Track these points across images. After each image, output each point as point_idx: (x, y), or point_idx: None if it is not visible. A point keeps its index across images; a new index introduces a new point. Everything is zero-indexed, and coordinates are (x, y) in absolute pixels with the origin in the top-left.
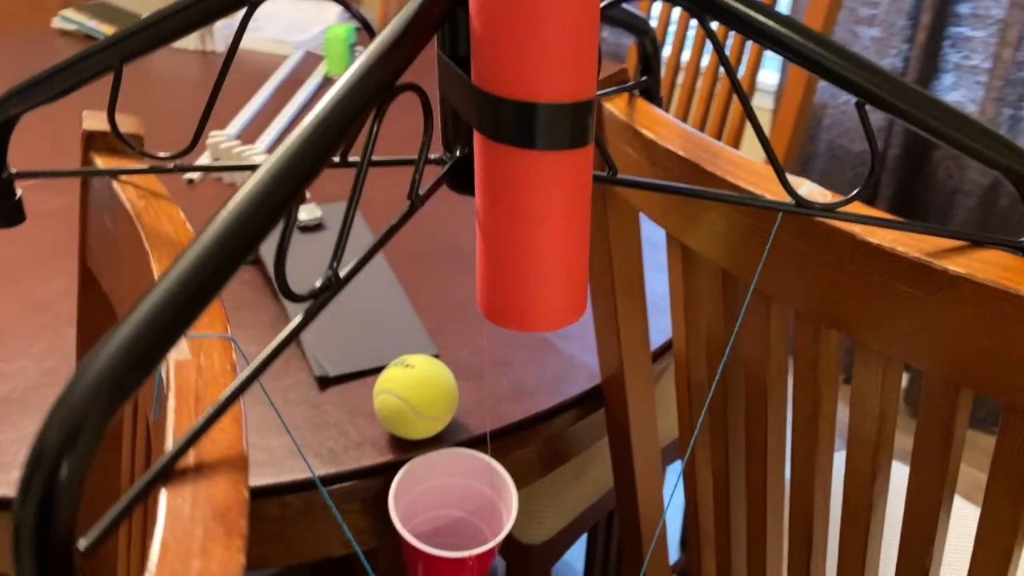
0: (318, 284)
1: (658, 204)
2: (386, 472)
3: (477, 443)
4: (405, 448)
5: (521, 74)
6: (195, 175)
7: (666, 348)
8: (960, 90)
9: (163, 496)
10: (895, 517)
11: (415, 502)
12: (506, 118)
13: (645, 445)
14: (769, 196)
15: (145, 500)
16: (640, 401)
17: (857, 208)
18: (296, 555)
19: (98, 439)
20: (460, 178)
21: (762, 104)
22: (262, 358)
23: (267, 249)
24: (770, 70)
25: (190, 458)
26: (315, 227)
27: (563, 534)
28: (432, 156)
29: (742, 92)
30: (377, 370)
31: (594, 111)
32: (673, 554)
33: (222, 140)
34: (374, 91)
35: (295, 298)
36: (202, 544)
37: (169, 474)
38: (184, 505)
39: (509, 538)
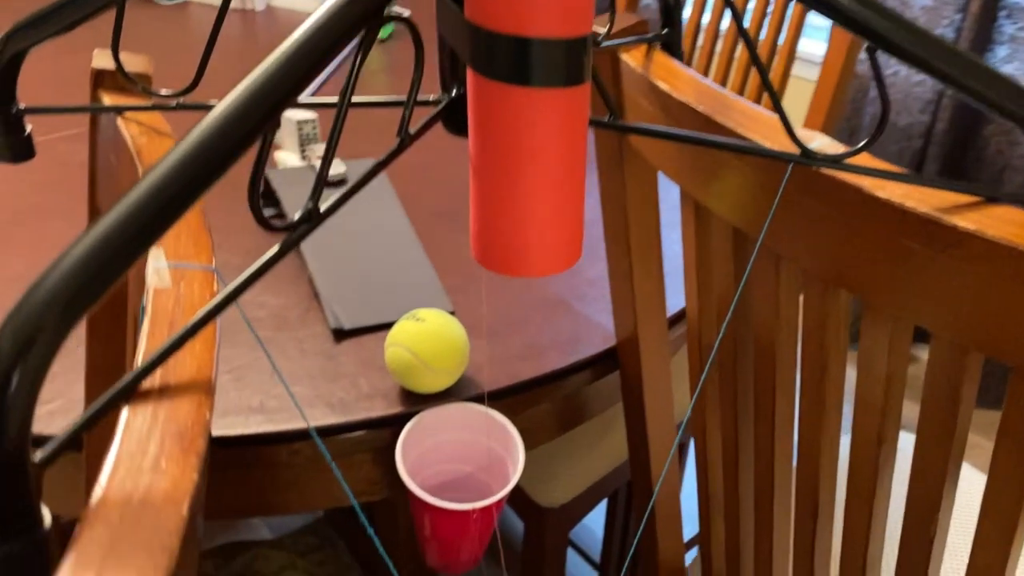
0: (296, 216)
1: (673, 160)
2: (396, 424)
3: (487, 400)
4: (415, 401)
5: (515, 8)
6: None
7: (683, 315)
8: (1015, 63)
9: (124, 413)
10: (903, 485)
11: (424, 455)
12: (500, 54)
13: (659, 409)
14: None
15: (105, 416)
16: (655, 364)
17: (867, 162)
18: (307, 503)
19: (52, 352)
20: (455, 119)
21: (805, 75)
22: (235, 285)
23: (288, 201)
24: (816, 40)
25: (156, 379)
26: (339, 183)
27: (582, 498)
28: (431, 98)
29: (747, 36)
30: (392, 325)
31: (590, 48)
32: (691, 529)
33: None
34: (361, 16)
35: (271, 228)
36: (155, 460)
37: (132, 393)
38: (143, 422)
39: (527, 500)
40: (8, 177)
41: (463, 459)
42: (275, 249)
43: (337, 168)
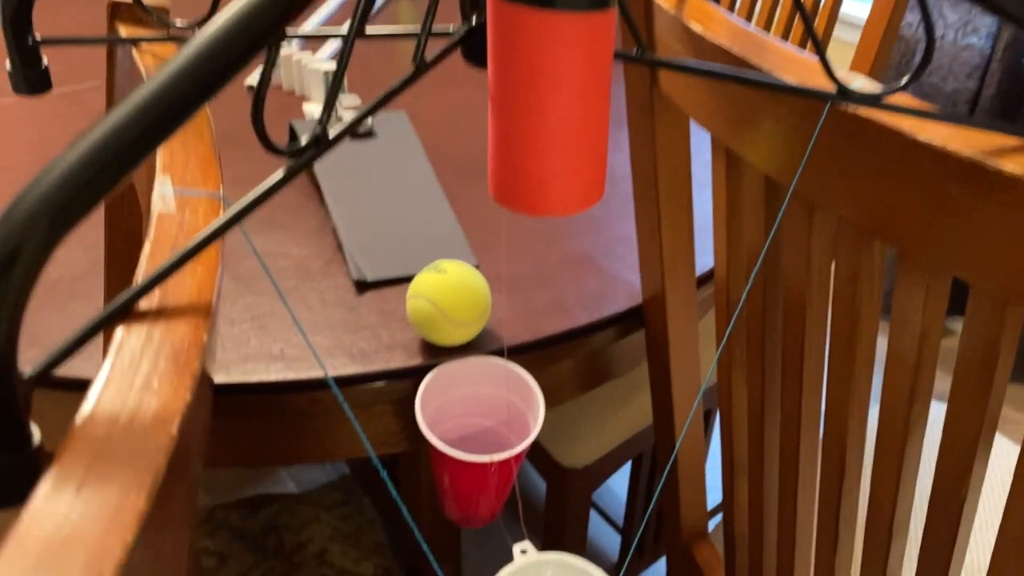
0: (304, 141)
1: (705, 105)
2: (417, 375)
3: (509, 354)
4: (436, 353)
5: None
6: (255, 81)
7: (712, 275)
8: None
9: (118, 332)
10: (932, 456)
11: (444, 408)
12: None
13: (684, 369)
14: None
15: (98, 335)
16: (681, 323)
17: (908, 104)
18: (328, 453)
19: (37, 267)
20: (475, 48)
21: (847, 37)
22: (238, 207)
23: None
24: (859, 1)
25: (155, 301)
26: (366, 134)
27: (605, 460)
28: (451, 28)
29: None
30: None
31: None
32: (714, 499)
33: (282, 46)
34: None
35: (277, 151)
36: (147, 379)
37: (128, 313)
38: (137, 341)
39: (550, 461)
40: (37, 127)
41: (483, 413)
42: (281, 173)
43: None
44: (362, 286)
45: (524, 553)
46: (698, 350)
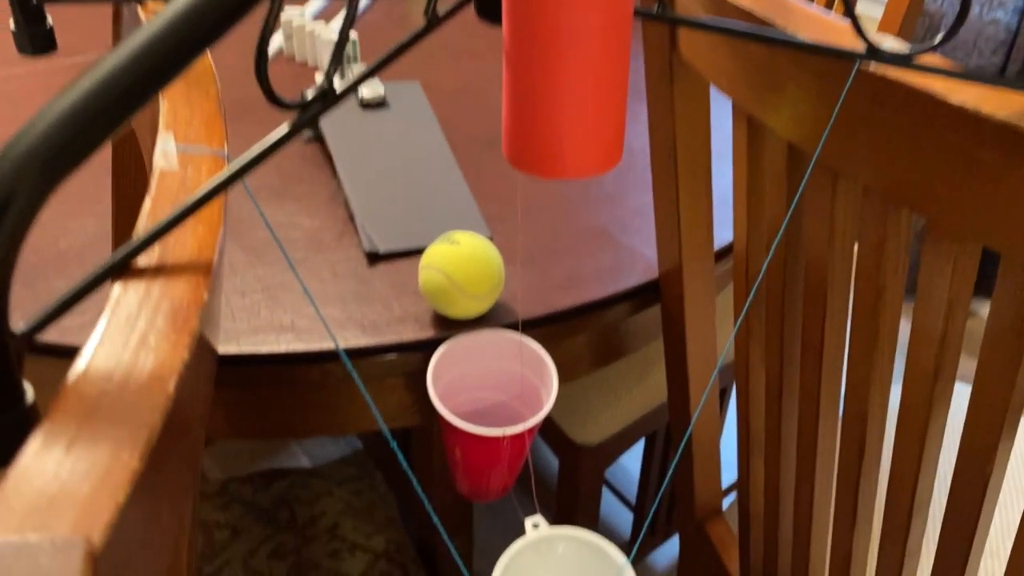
0: (310, 95)
1: (726, 70)
2: (429, 348)
3: (523, 328)
4: (448, 326)
5: None
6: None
7: (731, 248)
8: None
9: (115, 289)
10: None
11: (456, 381)
12: None
13: (701, 345)
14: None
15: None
16: (698, 298)
17: (940, 65)
18: (339, 427)
19: (28, 217)
20: (489, 5)
21: (870, 12)
22: (240, 163)
23: (327, 124)
24: None
25: (154, 258)
26: (378, 104)
27: (618, 438)
28: None
29: None
30: None
31: None
32: (728, 477)
33: (295, 17)
34: None
35: (283, 105)
36: (143, 336)
37: (125, 269)
38: (134, 298)
39: (562, 437)
40: (47, 98)
41: (496, 387)
42: (285, 127)
43: (376, 90)
44: (374, 258)
45: (536, 527)
46: (715, 326)
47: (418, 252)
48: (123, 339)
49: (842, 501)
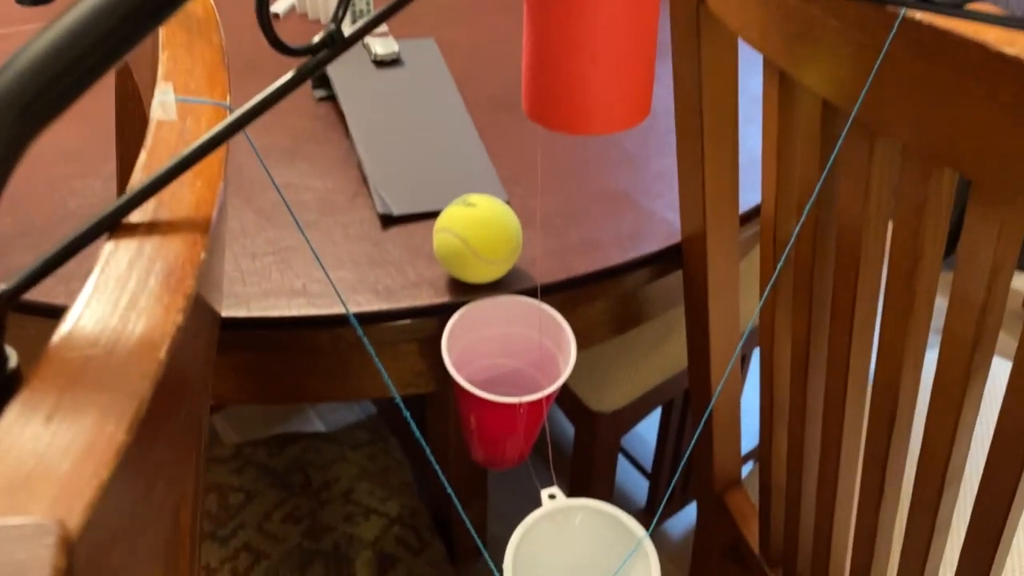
0: (317, 39)
1: (756, 22)
2: (443, 313)
3: (540, 294)
4: (464, 291)
5: None
6: (280, 9)
7: (756, 212)
8: None
9: (106, 246)
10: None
11: (472, 348)
12: None
13: (723, 311)
14: None
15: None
16: (722, 263)
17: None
18: (351, 392)
19: (7, 168)
20: None
21: None
22: (243, 110)
23: (339, 82)
24: None
25: (148, 214)
26: (392, 62)
27: (635, 405)
28: None
29: None
30: None
31: None
32: (747, 443)
33: None
34: None
35: (288, 51)
36: (134, 297)
37: (116, 225)
38: (125, 256)
39: (579, 405)
40: None
41: (512, 353)
42: (291, 73)
43: (390, 47)
44: (388, 220)
45: (552, 498)
46: (738, 292)
47: (433, 215)
48: (112, 301)
49: (869, 473)
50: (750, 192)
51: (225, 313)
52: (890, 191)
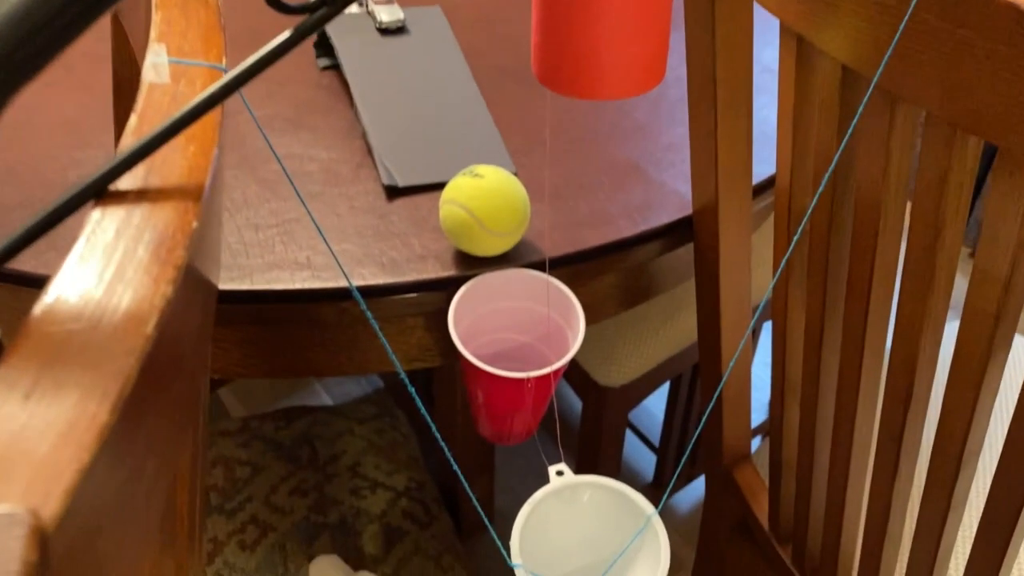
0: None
1: None
2: (450, 287)
3: (548, 267)
4: (471, 264)
5: None
6: None
7: (769, 184)
8: None
9: (93, 214)
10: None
11: (479, 322)
12: None
13: (735, 285)
14: None
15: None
16: (734, 236)
17: None
18: (357, 366)
19: None
20: None
21: None
22: (236, 72)
23: (344, 51)
24: None
25: (138, 180)
26: (397, 30)
27: (643, 380)
28: None
29: None
30: None
31: None
32: (759, 415)
33: None
34: None
35: (286, 9)
36: (120, 268)
37: (103, 192)
38: (112, 224)
39: (587, 379)
40: None
41: (520, 328)
42: (289, 32)
43: (395, 15)
44: (393, 192)
45: (560, 475)
46: (750, 265)
47: (439, 187)
48: (97, 272)
49: (883, 449)
50: (763, 164)
51: (228, 286)
52: (911, 161)
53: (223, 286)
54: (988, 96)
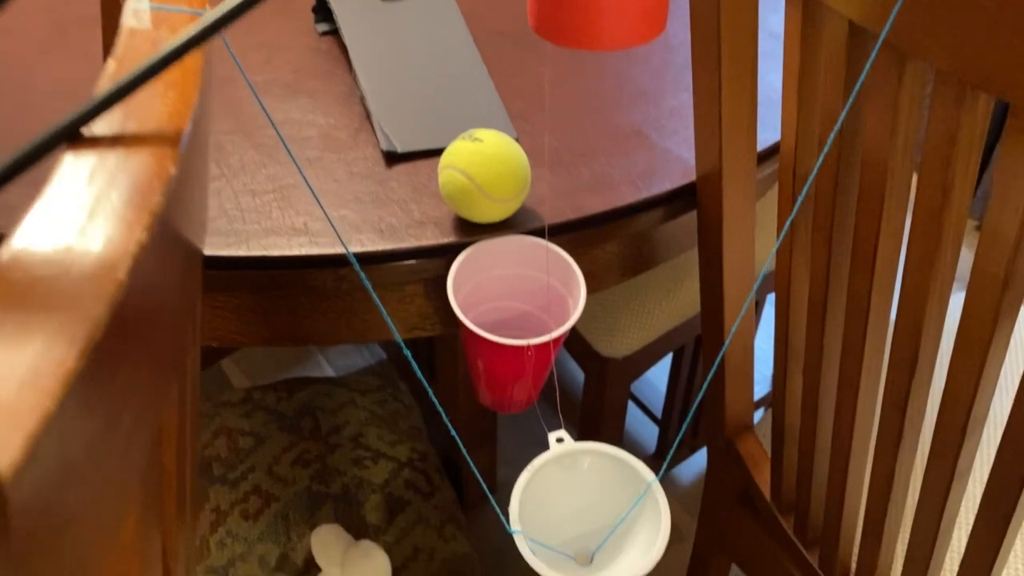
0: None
1: None
2: (449, 254)
3: (549, 234)
4: (470, 231)
5: None
6: None
7: (774, 151)
8: None
9: (65, 158)
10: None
11: (479, 289)
12: None
13: (738, 253)
14: None
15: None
16: (738, 203)
17: None
18: (357, 334)
19: None
20: None
21: None
22: (216, 15)
23: (343, 15)
24: None
25: (114, 125)
26: None
27: (646, 351)
28: None
29: None
30: None
31: None
32: (762, 389)
33: None
34: None
35: None
36: (91, 213)
37: (76, 136)
38: (85, 167)
39: (589, 350)
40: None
41: (520, 296)
42: None
43: None
44: (392, 158)
45: (560, 442)
46: (754, 232)
47: (439, 152)
48: (67, 217)
49: (887, 418)
50: (768, 131)
51: (225, 252)
52: (919, 120)
53: (220, 252)
54: (1000, 51)
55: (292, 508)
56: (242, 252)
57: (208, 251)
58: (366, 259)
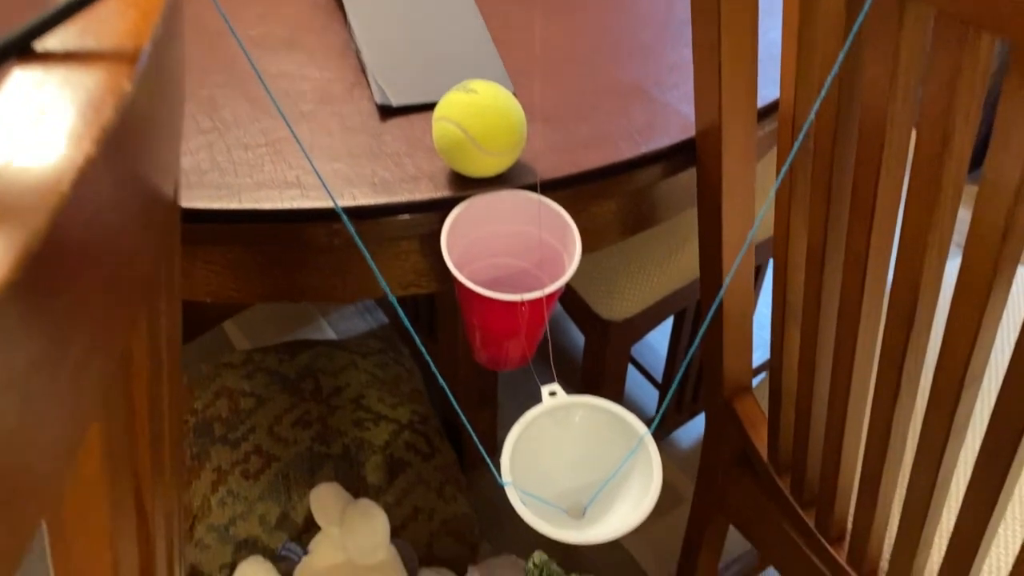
0: None
1: None
2: (443, 208)
3: (545, 190)
4: (465, 185)
5: None
6: None
7: (775, 108)
8: None
9: (14, 71)
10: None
11: (474, 246)
12: None
13: (737, 210)
14: None
15: None
16: (737, 159)
17: None
18: (352, 292)
19: None
20: None
21: None
22: None
23: None
24: None
25: (68, 41)
26: None
27: (646, 314)
28: None
29: None
30: None
31: None
32: (759, 356)
33: None
34: None
35: None
36: (35, 124)
37: (27, 50)
38: (31, 82)
39: (589, 313)
40: None
41: (516, 253)
42: None
43: None
44: (386, 111)
45: (553, 395)
46: (753, 190)
47: (434, 106)
48: (10, 126)
49: (884, 375)
50: (768, 87)
51: (216, 205)
52: (920, 64)
53: (211, 205)
54: None
55: (293, 468)
56: (234, 205)
57: (200, 204)
58: (358, 213)
